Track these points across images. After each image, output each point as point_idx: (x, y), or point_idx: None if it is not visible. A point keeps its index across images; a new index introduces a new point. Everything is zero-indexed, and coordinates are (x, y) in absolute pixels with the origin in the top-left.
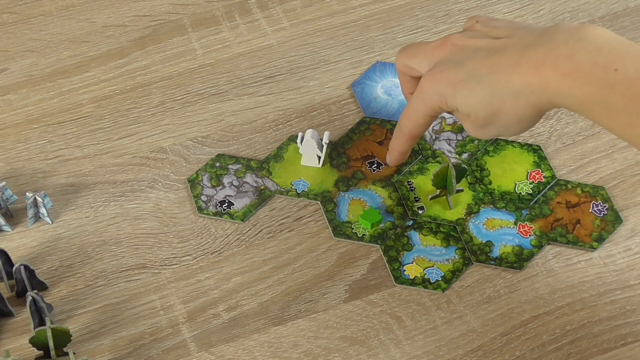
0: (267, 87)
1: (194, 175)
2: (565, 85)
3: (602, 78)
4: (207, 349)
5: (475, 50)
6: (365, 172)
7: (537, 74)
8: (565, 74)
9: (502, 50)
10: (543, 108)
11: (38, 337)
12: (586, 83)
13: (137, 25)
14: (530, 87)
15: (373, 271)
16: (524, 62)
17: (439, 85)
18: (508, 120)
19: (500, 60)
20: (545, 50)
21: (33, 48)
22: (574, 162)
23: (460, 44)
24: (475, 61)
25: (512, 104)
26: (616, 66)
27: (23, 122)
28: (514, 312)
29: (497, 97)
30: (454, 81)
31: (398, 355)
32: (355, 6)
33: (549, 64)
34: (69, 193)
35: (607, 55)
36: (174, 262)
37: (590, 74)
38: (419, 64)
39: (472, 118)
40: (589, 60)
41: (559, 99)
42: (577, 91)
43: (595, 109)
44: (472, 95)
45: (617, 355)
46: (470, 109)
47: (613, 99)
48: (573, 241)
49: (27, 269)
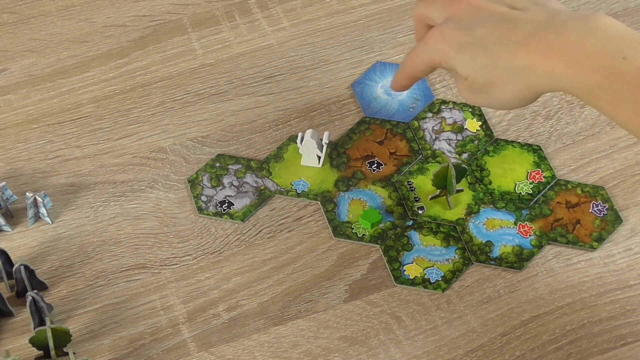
0: (267, 87)
1: (194, 176)
2: (571, 71)
3: (609, 65)
4: (207, 349)
5: (490, 15)
6: (365, 172)
7: (544, 57)
8: (573, 60)
9: (514, 22)
10: (541, 91)
11: (38, 337)
12: (593, 70)
13: (137, 25)
14: (533, 68)
15: (373, 271)
16: (533, 42)
17: (445, 44)
18: (503, 94)
19: (510, 34)
20: (555, 34)
21: (33, 48)
22: (574, 162)
23: (477, 5)
24: (485, 28)
25: (511, 80)
26: (625, 55)
27: (23, 122)
28: (514, 312)
29: (498, 69)
30: (460, 43)
31: (398, 355)
32: (355, 6)
33: (557, 49)
34: (69, 193)
35: (617, 43)
36: (174, 262)
37: (598, 61)
38: (435, 14)
39: (469, 82)
40: (598, 48)
41: (563, 84)
42: (583, 77)
43: (600, 96)
44: (474, 60)
45: (617, 355)
46: (470, 72)
47: (619, 86)
48: (573, 241)
49: (27, 269)
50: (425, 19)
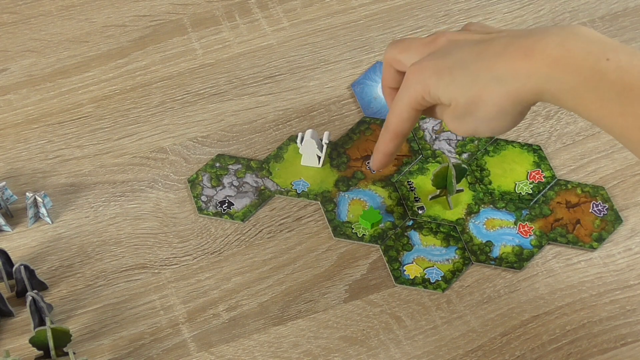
0: (267, 87)
1: (194, 175)
2: (554, 70)
3: (593, 66)
4: (207, 349)
5: (466, 42)
6: (365, 172)
7: (525, 60)
8: (556, 60)
9: (490, 41)
10: (525, 99)
11: (38, 337)
12: (577, 69)
13: (137, 25)
14: (514, 74)
15: (373, 271)
16: (511, 49)
17: (424, 74)
18: (487, 110)
19: (488, 48)
20: (535, 39)
21: (33, 48)
22: (574, 162)
23: (453, 38)
24: (463, 51)
25: (493, 91)
26: (608, 56)
27: (23, 122)
28: (514, 312)
29: (478, 83)
30: (439, 69)
31: (398, 355)
32: (355, 6)
33: (539, 50)
34: (69, 193)
35: (599, 46)
36: (174, 262)
37: (582, 61)
38: (408, 58)
39: (452, 107)
40: (580, 49)
41: (547, 87)
42: (567, 76)
43: (585, 97)
44: (454, 81)
45: (617, 355)
46: (451, 95)
47: (605, 86)
48: (573, 241)
49: (27, 269)
50: (396, 64)
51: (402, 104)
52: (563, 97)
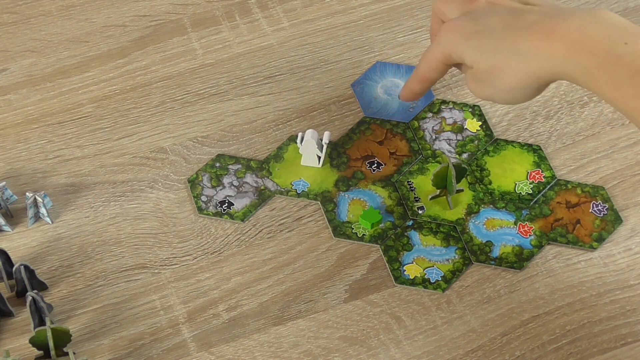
0: (267, 87)
1: (194, 175)
2: (572, 53)
3: (610, 48)
4: (207, 349)
5: (502, 8)
6: (365, 172)
7: (545, 40)
8: (574, 43)
9: (522, 12)
10: (543, 78)
11: (38, 337)
12: (594, 52)
13: (137, 25)
14: (535, 52)
15: (373, 271)
16: (536, 27)
17: (454, 34)
18: (505, 81)
19: (516, 21)
20: (559, 20)
21: (33, 48)
22: (574, 162)
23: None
24: (494, 18)
25: (513, 64)
26: (627, 40)
27: (23, 122)
28: (514, 312)
29: (501, 53)
30: (469, 32)
31: (398, 355)
32: (355, 6)
33: (560, 32)
34: (69, 193)
35: (619, 30)
36: (174, 262)
37: (600, 44)
38: (451, 11)
39: (474, 70)
40: (600, 32)
41: (564, 68)
42: (583, 59)
43: (599, 78)
44: (480, 46)
45: (617, 355)
46: (474, 59)
47: (619, 69)
48: (573, 241)
49: (27, 269)
50: (441, 15)
51: (431, 56)
52: (579, 79)
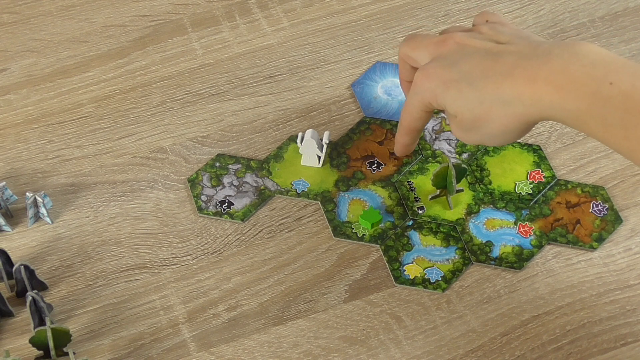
0: (267, 87)
1: (194, 175)
2: (558, 98)
3: (596, 91)
4: (207, 349)
5: (474, 51)
6: (365, 172)
7: (529, 85)
8: (559, 87)
9: (498, 55)
10: (531, 121)
11: (38, 337)
12: (580, 96)
13: (137, 25)
14: (520, 98)
15: (373, 271)
16: (517, 72)
17: (431, 82)
18: (493, 128)
19: (495, 66)
20: (539, 62)
21: (33, 48)
22: (574, 162)
23: (462, 43)
24: (470, 62)
25: (499, 112)
26: (611, 80)
27: (23, 122)
28: (514, 312)
29: (485, 103)
30: (446, 79)
31: (398, 355)
32: (355, 6)
33: (542, 77)
34: (69, 193)
35: (602, 69)
36: (174, 262)
37: (585, 87)
38: (420, 56)
39: (458, 119)
40: (583, 74)
41: (551, 113)
42: (570, 104)
43: (589, 122)
44: (461, 96)
45: (617, 355)
46: (458, 109)
47: (608, 112)
48: (573, 241)
49: (27, 269)
50: (409, 60)
51: (411, 107)
52: (568, 122)
